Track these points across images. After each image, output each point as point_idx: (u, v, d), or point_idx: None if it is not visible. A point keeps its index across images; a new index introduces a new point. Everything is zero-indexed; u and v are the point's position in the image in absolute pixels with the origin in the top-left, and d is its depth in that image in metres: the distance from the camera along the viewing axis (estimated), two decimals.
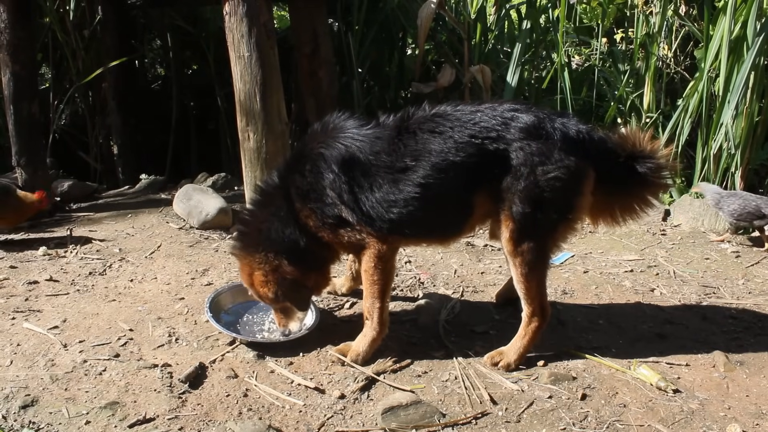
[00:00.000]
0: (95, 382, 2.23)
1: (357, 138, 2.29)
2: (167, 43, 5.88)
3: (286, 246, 2.39)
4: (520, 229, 2.25)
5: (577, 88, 5.40)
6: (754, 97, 4.04)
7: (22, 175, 4.10)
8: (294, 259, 2.39)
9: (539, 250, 2.29)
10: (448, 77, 5.07)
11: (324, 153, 2.30)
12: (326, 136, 2.35)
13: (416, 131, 2.27)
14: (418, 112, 2.33)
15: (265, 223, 2.42)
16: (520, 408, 2.15)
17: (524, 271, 2.30)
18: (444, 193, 2.25)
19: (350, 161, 2.26)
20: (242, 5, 3.44)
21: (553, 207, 2.24)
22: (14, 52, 3.91)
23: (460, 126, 2.23)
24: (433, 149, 2.23)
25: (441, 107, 2.32)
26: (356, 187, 2.26)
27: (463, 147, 2.21)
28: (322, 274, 2.54)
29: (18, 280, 3.05)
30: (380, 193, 2.25)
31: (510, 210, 2.24)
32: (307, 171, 2.32)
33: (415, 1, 5.39)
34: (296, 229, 2.37)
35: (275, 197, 2.43)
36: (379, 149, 2.27)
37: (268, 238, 2.40)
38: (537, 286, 2.34)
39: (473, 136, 2.21)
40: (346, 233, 2.33)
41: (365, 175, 2.26)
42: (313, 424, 2.07)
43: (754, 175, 4.45)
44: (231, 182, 4.71)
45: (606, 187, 2.35)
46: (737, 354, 2.50)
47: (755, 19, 3.84)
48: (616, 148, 2.36)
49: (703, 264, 3.40)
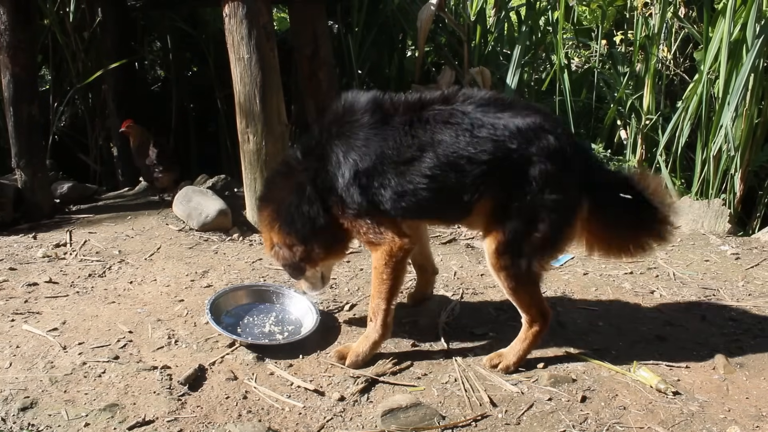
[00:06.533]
0: (94, 384, 2.23)
1: (371, 128, 2.25)
2: (167, 44, 5.88)
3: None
4: (508, 242, 2.21)
5: (576, 89, 5.40)
6: (753, 99, 4.04)
7: (21, 176, 4.10)
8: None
9: (526, 267, 2.24)
10: (447, 79, 5.07)
11: (337, 155, 2.26)
12: (340, 128, 2.30)
13: (430, 121, 2.21)
14: (436, 103, 2.25)
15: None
16: (519, 410, 2.15)
17: (512, 285, 2.27)
18: (450, 188, 2.21)
19: (363, 154, 2.23)
20: (242, 7, 3.44)
21: (546, 230, 2.20)
22: (14, 54, 3.91)
23: (479, 127, 2.17)
24: (445, 141, 2.18)
25: (460, 105, 2.22)
26: (369, 179, 2.23)
27: (482, 146, 2.15)
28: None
29: (17, 282, 3.05)
30: (390, 188, 2.22)
31: (503, 223, 2.20)
32: (330, 171, 2.29)
33: (415, 2, 5.39)
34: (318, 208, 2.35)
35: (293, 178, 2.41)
36: (392, 142, 2.22)
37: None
38: (530, 296, 2.32)
39: (494, 139, 2.15)
40: (360, 223, 2.30)
41: (377, 166, 2.22)
42: (312, 426, 2.07)
43: (754, 177, 4.45)
44: (231, 184, 4.70)
45: (604, 220, 2.32)
46: (737, 356, 2.50)
47: (755, 21, 3.84)
48: (625, 185, 2.32)
49: (703, 266, 3.41)
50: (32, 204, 4.13)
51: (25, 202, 4.13)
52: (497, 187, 2.19)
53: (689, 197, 4.23)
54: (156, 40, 6.26)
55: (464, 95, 2.24)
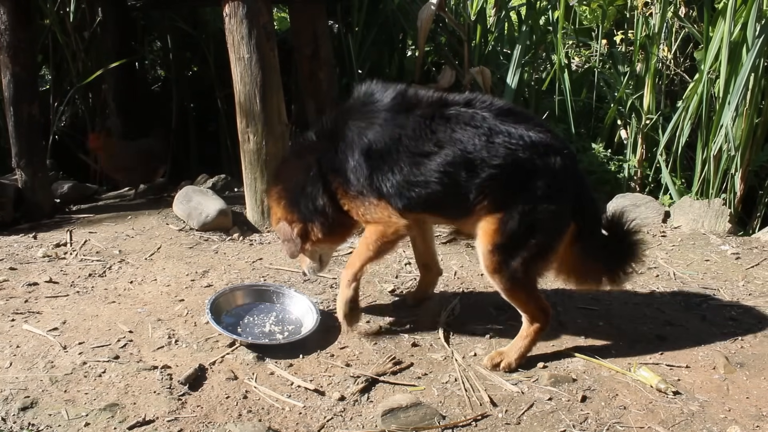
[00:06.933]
0: (95, 384, 2.23)
1: (391, 112, 2.34)
2: (167, 44, 5.88)
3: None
4: (503, 245, 2.27)
5: (576, 89, 5.39)
6: (754, 98, 4.04)
7: (21, 176, 4.10)
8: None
9: (519, 270, 2.29)
10: (448, 79, 5.07)
11: (352, 135, 2.35)
12: (359, 110, 2.40)
13: (452, 119, 2.29)
14: (458, 104, 2.34)
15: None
16: (520, 410, 2.15)
17: (507, 286, 2.33)
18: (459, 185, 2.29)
19: (379, 149, 2.32)
20: (242, 7, 3.44)
21: (540, 238, 2.28)
22: (15, 54, 3.90)
23: (496, 133, 2.26)
24: (460, 139, 2.26)
25: (480, 110, 2.31)
26: (381, 160, 2.32)
27: (495, 151, 2.24)
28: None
29: (17, 282, 3.05)
30: (401, 175, 2.30)
31: (501, 226, 2.26)
32: (339, 150, 2.39)
33: (415, 2, 5.38)
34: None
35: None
36: (411, 131, 2.30)
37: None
38: (526, 294, 2.37)
39: (507, 147, 2.24)
40: (359, 203, 2.40)
41: (392, 150, 2.30)
42: (312, 426, 2.07)
43: (754, 177, 4.44)
44: (231, 184, 4.70)
45: (583, 246, 2.41)
46: (737, 356, 2.50)
47: (755, 20, 3.84)
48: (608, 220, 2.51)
49: (703, 266, 3.40)
50: (32, 204, 4.13)
51: (26, 201, 4.13)
52: (501, 192, 2.27)
53: (689, 197, 4.23)
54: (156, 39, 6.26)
55: (485, 101, 2.35)
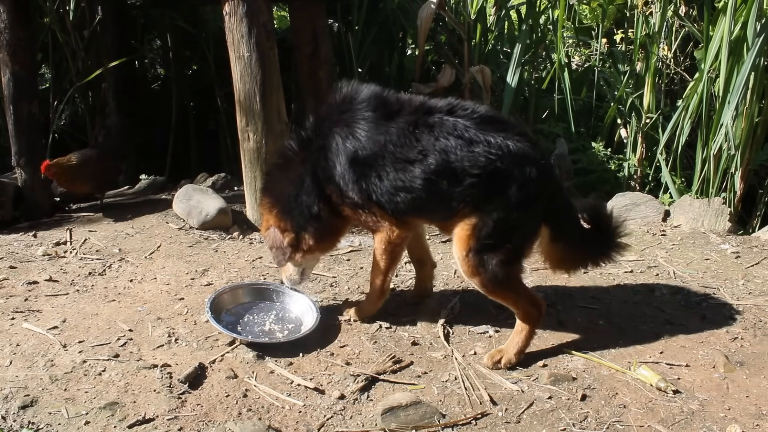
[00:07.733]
0: (95, 383, 2.23)
1: (374, 120, 2.35)
2: (167, 43, 5.88)
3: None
4: (479, 249, 2.31)
5: (576, 88, 5.40)
6: (754, 97, 4.04)
7: (21, 175, 4.10)
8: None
9: (496, 271, 2.33)
10: (447, 78, 5.07)
11: (337, 142, 2.37)
12: (341, 116, 2.40)
13: (435, 128, 2.31)
14: (441, 112, 2.35)
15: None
16: (519, 408, 2.15)
17: (489, 288, 2.38)
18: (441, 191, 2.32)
19: (365, 143, 2.34)
20: (242, 5, 3.44)
21: (515, 242, 2.35)
22: (14, 53, 3.91)
23: (477, 143, 2.29)
24: (442, 148, 2.29)
25: (462, 118, 2.33)
26: (364, 175, 2.36)
27: (475, 160, 2.28)
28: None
29: (17, 281, 3.05)
30: (387, 181, 2.33)
31: (476, 230, 2.30)
32: (324, 154, 2.41)
33: (415, 1, 5.38)
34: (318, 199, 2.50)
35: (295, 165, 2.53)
36: (396, 138, 2.32)
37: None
38: (512, 292, 2.41)
39: (486, 156, 2.27)
40: (360, 211, 2.44)
41: (378, 157, 2.33)
42: (312, 424, 2.07)
43: (754, 176, 4.45)
44: (231, 182, 4.70)
45: (563, 241, 2.48)
46: (737, 355, 2.50)
47: (755, 19, 3.84)
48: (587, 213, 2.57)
49: (703, 264, 3.40)
50: (32, 202, 4.13)
51: (25, 200, 4.13)
52: (479, 199, 2.30)
53: (689, 196, 4.23)
54: (156, 38, 6.26)
55: (466, 108, 2.37)
